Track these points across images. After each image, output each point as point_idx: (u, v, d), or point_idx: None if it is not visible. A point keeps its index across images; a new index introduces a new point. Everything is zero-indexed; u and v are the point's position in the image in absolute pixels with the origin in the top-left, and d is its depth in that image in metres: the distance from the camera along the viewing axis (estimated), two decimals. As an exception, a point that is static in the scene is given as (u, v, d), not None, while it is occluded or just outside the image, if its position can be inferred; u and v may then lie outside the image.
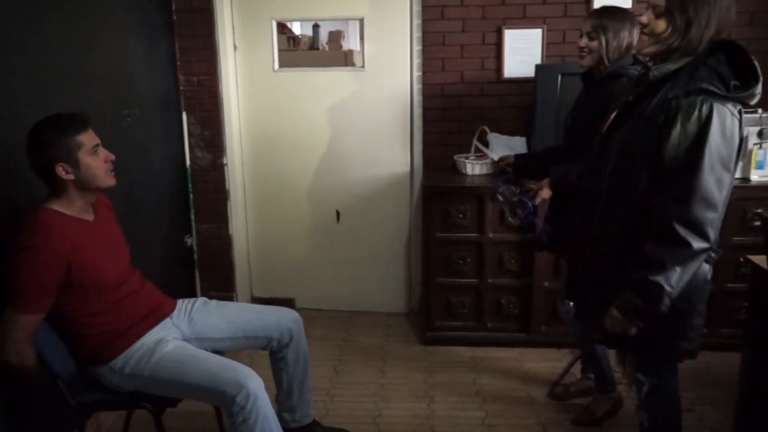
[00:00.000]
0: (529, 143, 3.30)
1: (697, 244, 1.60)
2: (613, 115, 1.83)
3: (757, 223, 2.94)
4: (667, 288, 1.63)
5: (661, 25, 1.65)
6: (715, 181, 1.58)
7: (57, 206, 1.90)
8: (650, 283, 1.63)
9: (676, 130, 1.58)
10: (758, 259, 2.15)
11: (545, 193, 2.45)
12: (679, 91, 1.60)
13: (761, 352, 2.15)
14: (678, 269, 1.62)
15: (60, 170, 1.85)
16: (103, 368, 1.98)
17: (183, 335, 2.15)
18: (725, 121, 1.57)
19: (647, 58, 1.82)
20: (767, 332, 2.10)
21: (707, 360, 2.98)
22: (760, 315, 2.14)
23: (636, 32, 2.19)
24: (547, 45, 3.34)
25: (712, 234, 1.61)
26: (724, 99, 1.57)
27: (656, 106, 1.64)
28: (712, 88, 1.57)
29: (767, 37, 3.27)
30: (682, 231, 1.59)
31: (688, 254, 1.61)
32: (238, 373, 1.92)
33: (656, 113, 1.63)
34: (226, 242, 3.66)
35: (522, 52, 3.36)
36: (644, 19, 1.68)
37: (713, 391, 2.80)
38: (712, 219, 1.60)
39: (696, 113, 1.57)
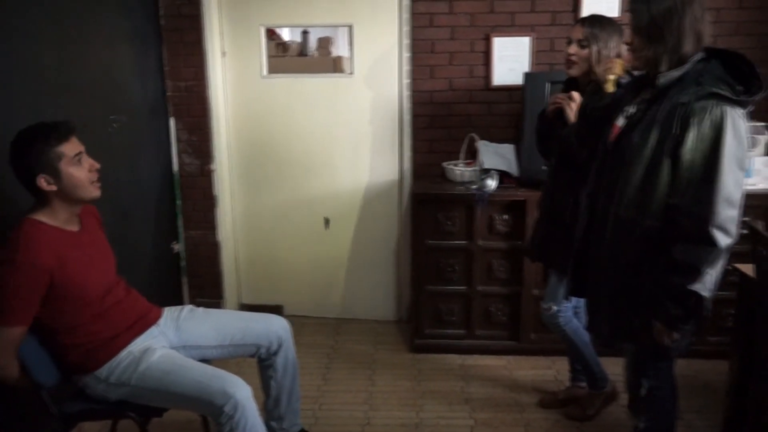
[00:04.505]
0: (518, 150, 3.31)
1: (724, 242, 1.64)
2: (619, 124, 1.85)
3: (745, 232, 2.94)
4: (706, 294, 1.67)
5: (640, 40, 1.74)
6: (734, 181, 1.63)
7: (42, 217, 1.86)
8: (689, 293, 1.67)
9: (692, 135, 1.63)
10: (745, 268, 2.17)
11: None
12: (689, 96, 1.64)
13: (749, 360, 2.16)
14: (710, 271, 1.66)
15: (41, 182, 1.81)
16: (89, 377, 1.95)
17: (170, 343, 2.12)
18: (736, 123, 1.62)
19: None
20: (755, 340, 2.11)
21: (695, 368, 3.01)
22: (748, 323, 2.15)
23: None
24: (536, 53, 3.36)
25: (735, 230, 1.66)
26: (733, 102, 1.62)
27: (668, 112, 1.68)
28: (722, 92, 1.61)
29: (752, 46, 3.30)
30: (710, 232, 1.63)
31: (716, 253, 1.65)
32: (226, 383, 1.90)
33: (669, 118, 1.67)
34: (214, 249, 3.64)
35: (510, 59, 3.38)
36: (628, 38, 1.79)
37: (701, 398, 2.81)
38: (734, 216, 1.65)
39: (709, 117, 1.61)
